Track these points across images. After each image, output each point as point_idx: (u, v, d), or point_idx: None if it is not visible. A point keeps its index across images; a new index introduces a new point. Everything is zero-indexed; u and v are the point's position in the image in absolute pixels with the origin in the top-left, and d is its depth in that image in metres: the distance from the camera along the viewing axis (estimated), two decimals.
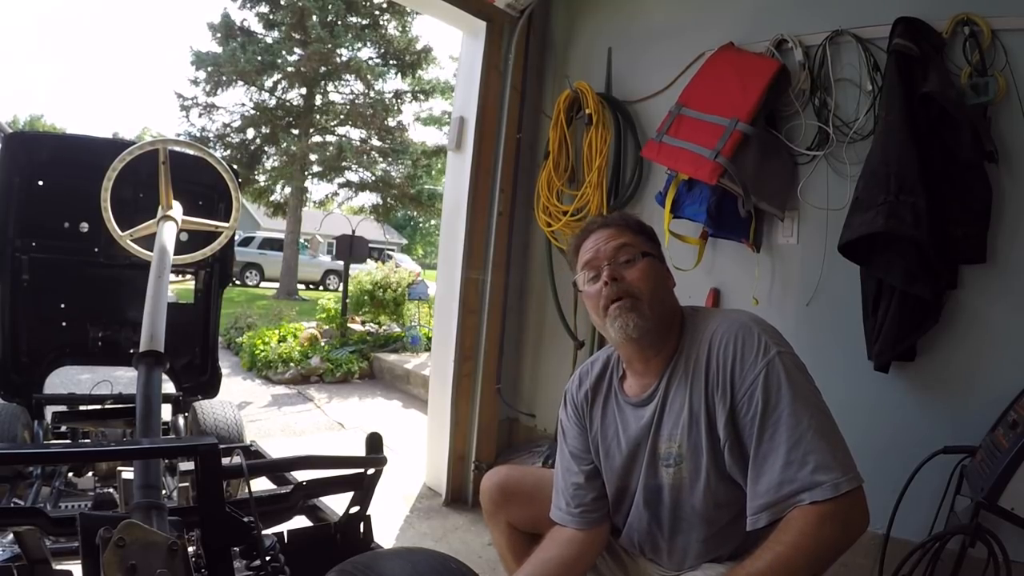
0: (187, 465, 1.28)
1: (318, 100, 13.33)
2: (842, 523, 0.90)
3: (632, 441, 1.15)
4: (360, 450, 1.33)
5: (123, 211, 1.84)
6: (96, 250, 2.38)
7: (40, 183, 2.29)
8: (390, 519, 2.52)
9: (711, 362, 1.04)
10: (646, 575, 1.22)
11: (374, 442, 1.32)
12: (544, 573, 1.15)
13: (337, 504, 1.44)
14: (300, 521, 1.46)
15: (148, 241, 1.68)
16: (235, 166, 5.11)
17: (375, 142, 13.63)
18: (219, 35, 12.69)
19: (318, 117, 13.36)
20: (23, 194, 2.26)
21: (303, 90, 13.06)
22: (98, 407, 2.32)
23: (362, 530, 1.37)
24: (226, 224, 1.97)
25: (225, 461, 1.12)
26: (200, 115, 13.10)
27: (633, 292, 1.08)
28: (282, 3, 12.25)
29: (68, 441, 2.27)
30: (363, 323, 6.77)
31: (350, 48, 12.74)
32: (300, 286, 14.79)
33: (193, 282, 2.71)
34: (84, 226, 2.35)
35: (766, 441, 0.96)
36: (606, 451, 1.20)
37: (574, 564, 1.17)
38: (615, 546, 1.27)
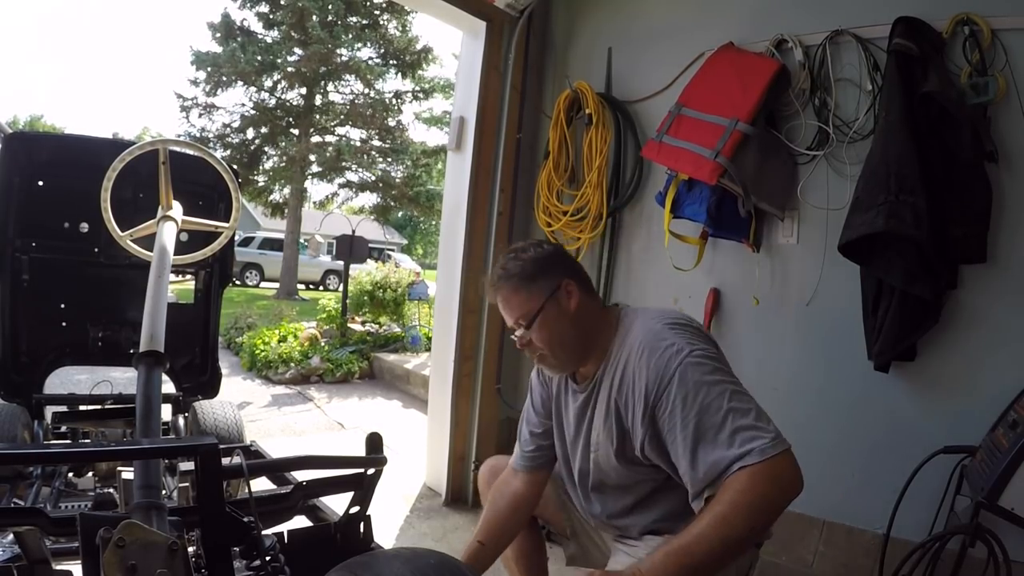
0: (187, 465, 1.28)
1: (318, 100, 13.33)
2: (774, 480, 0.96)
3: (575, 421, 1.32)
4: (360, 450, 1.33)
5: (123, 211, 1.84)
6: (96, 250, 2.38)
7: (40, 183, 2.29)
8: (390, 519, 2.52)
9: (628, 366, 1.17)
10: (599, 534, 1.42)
11: (374, 442, 1.32)
12: (498, 518, 1.38)
13: (337, 504, 1.44)
14: (300, 521, 1.46)
15: (148, 241, 1.68)
16: (235, 166, 5.10)
17: (375, 142, 13.63)
18: (219, 35, 12.69)
19: (318, 117, 13.36)
20: (23, 194, 2.26)
21: (303, 90, 13.06)
22: (98, 407, 2.33)
23: (362, 530, 1.36)
24: (226, 224, 1.97)
25: (225, 461, 1.12)
26: (200, 115, 13.11)
27: (539, 351, 1.25)
28: (282, 3, 12.24)
29: (68, 441, 2.26)
30: (363, 323, 6.77)
31: (350, 48, 12.73)
32: (300, 286, 14.79)
33: (193, 282, 2.70)
34: (84, 226, 2.35)
35: (692, 431, 1.04)
36: (558, 423, 1.38)
37: (520, 509, 1.40)
38: (566, 500, 1.46)
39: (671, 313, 1.23)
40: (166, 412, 2.50)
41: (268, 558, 1.13)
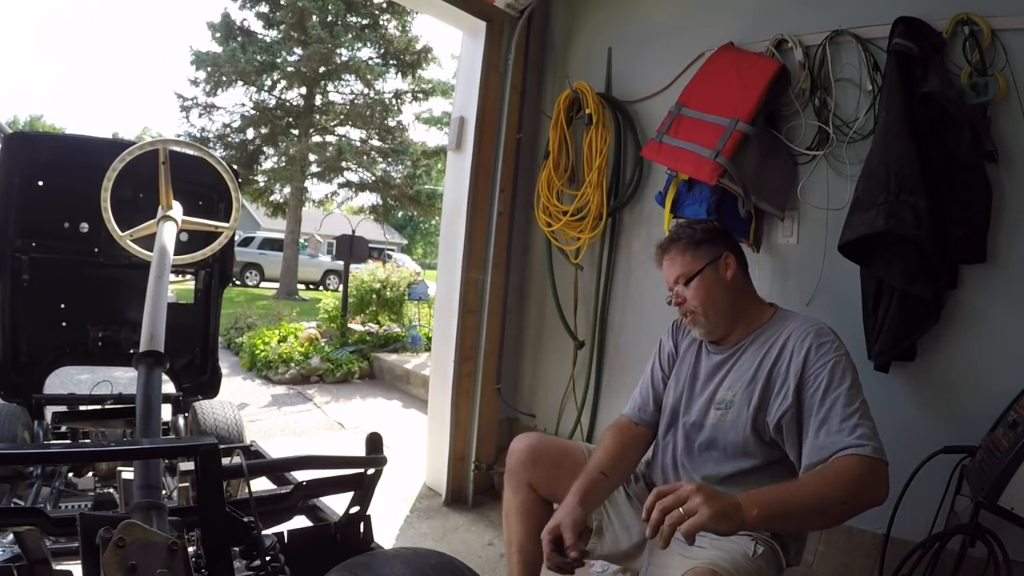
0: (187, 465, 1.29)
1: (318, 100, 13.32)
2: (875, 478, 1.08)
3: (699, 379, 1.43)
4: (360, 450, 1.33)
5: (123, 211, 1.84)
6: (96, 250, 2.38)
7: (40, 183, 2.29)
8: (390, 519, 2.53)
9: (787, 344, 1.29)
10: None
11: (374, 442, 1.32)
12: (614, 455, 1.43)
13: (337, 504, 1.44)
14: (300, 521, 1.46)
15: (148, 241, 1.68)
16: (235, 166, 5.11)
17: (375, 142, 13.63)
18: (219, 35, 12.69)
19: (318, 117, 13.36)
20: (23, 194, 2.25)
21: (303, 90, 13.05)
22: (98, 407, 2.32)
23: (362, 530, 1.36)
24: (226, 224, 1.96)
25: (225, 461, 1.12)
26: (200, 115, 13.11)
27: (692, 309, 1.40)
28: (282, 3, 12.24)
29: (68, 441, 2.26)
30: (363, 323, 6.77)
31: (350, 48, 12.73)
32: (300, 286, 14.79)
33: (193, 282, 2.70)
34: (84, 226, 2.35)
35: (826, 410, 1.17)
36: (676, 374, 1.50)
37: (642, 447, 1.51)
38: (632, 493, 1.50)
39: (828, 324, 1.35)
40: (166, 412, 2.50)
41: (268, 558, 1.13)
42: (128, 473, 1.25)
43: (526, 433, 1.58)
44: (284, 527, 1.33)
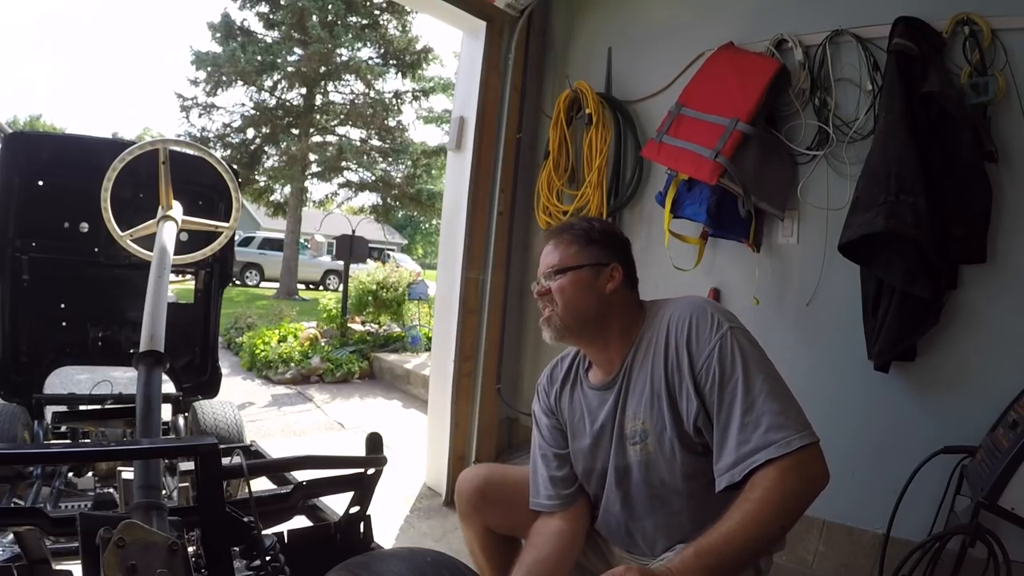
0: (187, 465, 1.28)
1: (318, 100, 13.32)
2: (801, 475, 0.97)
3: (598, 423, 1.23)
4: (360, 450, 1.33)
5: (123, 211, 1.83)
6: (96, 250, 2.37)
7: (40, 183, 2.29)
8: (390, 519, 2.52)
9: (668, 341, 1.13)
10: (622, 562, 1.24)
11: (374, 442, 1.32)
12: (543, 561, 1.19)
13: (337, 504, 1.44)
14: (300, 521, 1.46)
15: (148, 241, 1.68)
16: (235, 166, 5.11)
17: (375, 142, 13.63)
18: (219, 35, 12.68)
19: (318, 117, 13.35)
20: (23, 194, 2.25)
21: (303, 90, 13.05)
22: (98, 407, 2.32)
23: (362, 530, 1.36)
24: (226, 224, 1.96)
25: (225, 461, 1.12)
26: (200, 115, 13.10)
27: (551, 304, 1.22)
28: (282, 3, 12.24)
29: (68, 441, 2.26)
30: (363, 323, 6.77)
31: (350, 48, 12.73)
32: (300, 286, 14.79)
33: (193, 282, 2.70)
34: (84, 226, 2.35)
35: (724, 410, 1.04)
36: (573, 433, 1.29)
37: (567, 553, 1.23)
38: (593, 535, 1.31)
39: (701, 297, 1.21)
40: (166, 412, 2.49)
41: (268, 558, 1.13)
42: (128, 473, 1.24)
43: (474, 467, 1.45)
44: (284, 527, 1.33)
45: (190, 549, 0.99)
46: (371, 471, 1.30)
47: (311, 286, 16.04)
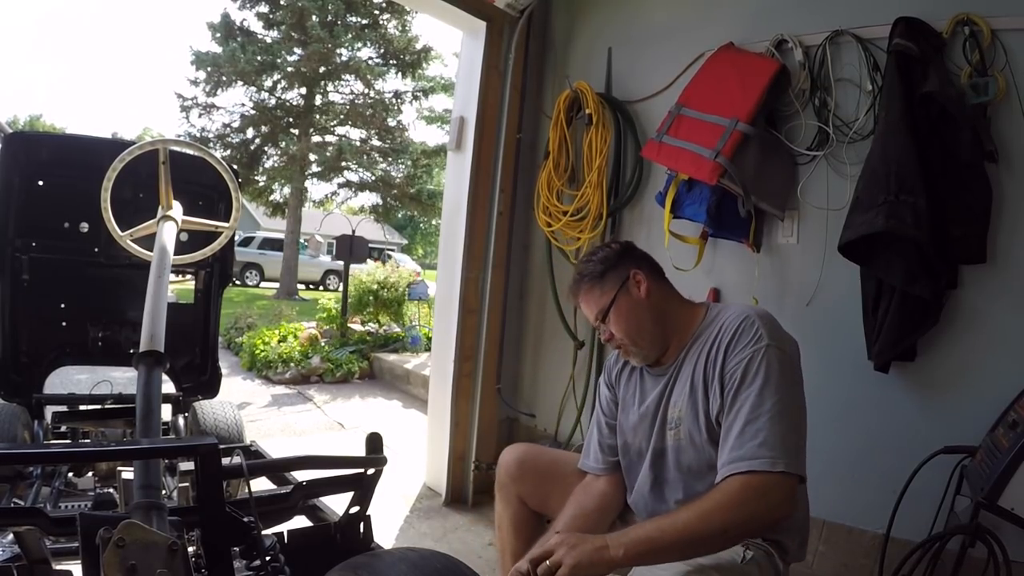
0: (187, 465, 1.28)
1: (318, 100, 13.32)
2: (764, 498, 1.00)
3: (647, 404, 1.32)
4: (360, 450, 1.33)
5: (123, 211, 1.83)
6: (96, 250, 2.37)
7: (40, 183, 2.28)
8: (390, 519, 2.52)
9: (715, 341, 1.20)
10: None
11: (374, 442, 1.32)
12: (584, 515, 1.32)
13: (337, 504, 1.44)
14: (300, 521, 1.46)
15: (148, 241, 1.68)
16: (235, 166, 5.10)
17: (375, 142, 13.63)
18: (219, 35, 12.68)
19: (318, 117, 13.35)
20: (23, 194, 2.25)
21: (303, 90, 13.05)
22: (98, 407, 2.32)
23: (362, 530, 1.36)
24: (226, 224, 1.96)
25: (225, 461, 1.12)
26: (200, 115, 13.11)
27: (620, 342, 1.31)
28: (282, 3, 12.24)
29: (68, 441, 2.26)
30: (363, 323, 6.77)
31: (350, 48, 12.73)
32: (300, 286, 14.79)
33: (193, 282, 2.70)
34: (84, 226, 2.35)
35: (732, 414, 1.10)
36: (623, 408, 1.39)
37: (606, 512, 1.36)
38: (626, 510, 1.40)
39: (762, 310, 1.26)
40: (166, 412, 2.49)
41: (268, 558, 1.13)
42: (128, 473, 1.24)
43: (515, 444, 1.55)
44: (284, 527, 1.33)
45: (190, 549, 0.99)
46: (371, 471, 1.30)
47: (311, 286, 16.04)
